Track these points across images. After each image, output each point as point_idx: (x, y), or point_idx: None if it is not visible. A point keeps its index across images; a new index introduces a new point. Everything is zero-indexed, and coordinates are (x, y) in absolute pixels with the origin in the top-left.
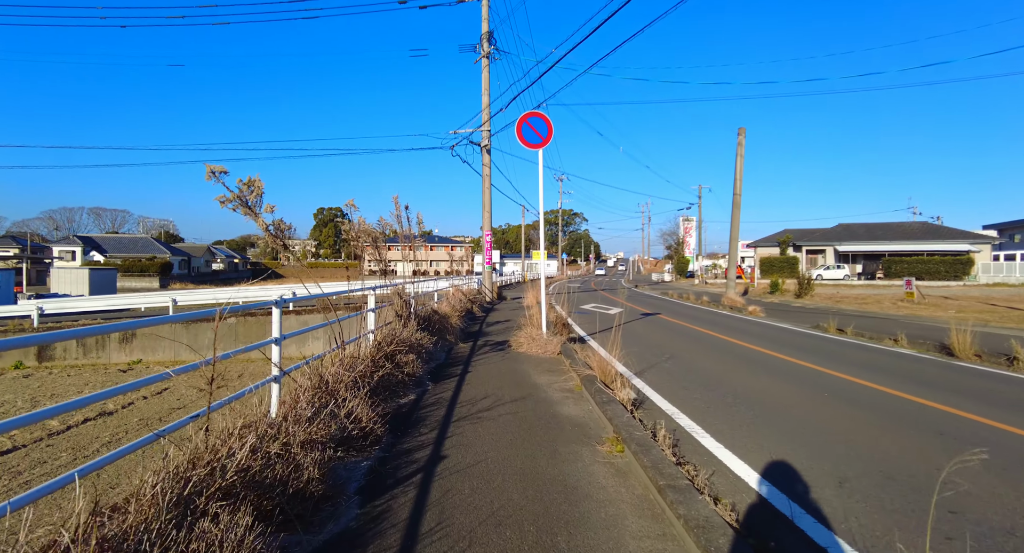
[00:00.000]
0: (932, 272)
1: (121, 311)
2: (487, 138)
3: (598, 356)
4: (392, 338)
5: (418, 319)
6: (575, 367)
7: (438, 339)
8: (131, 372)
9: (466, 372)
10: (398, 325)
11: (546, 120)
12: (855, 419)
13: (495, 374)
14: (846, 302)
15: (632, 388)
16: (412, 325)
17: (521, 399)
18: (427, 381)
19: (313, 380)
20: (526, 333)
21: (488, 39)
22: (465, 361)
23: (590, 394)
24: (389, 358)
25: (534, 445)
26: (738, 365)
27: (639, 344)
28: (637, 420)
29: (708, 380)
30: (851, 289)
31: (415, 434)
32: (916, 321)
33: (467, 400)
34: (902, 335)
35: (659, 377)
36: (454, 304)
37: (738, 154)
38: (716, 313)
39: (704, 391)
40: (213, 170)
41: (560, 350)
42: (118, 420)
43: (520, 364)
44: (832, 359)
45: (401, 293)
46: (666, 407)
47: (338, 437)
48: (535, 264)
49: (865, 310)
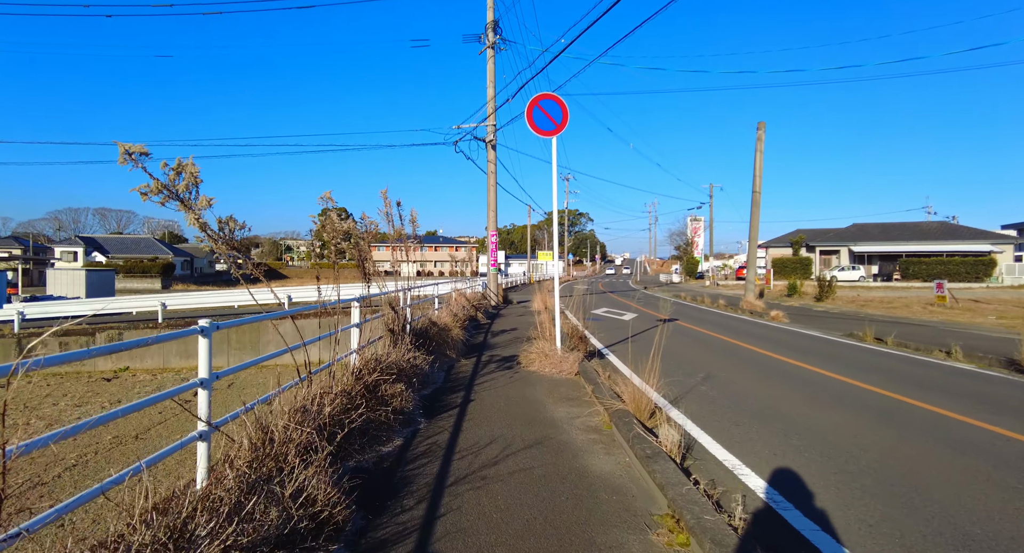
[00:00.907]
0: (952, 273)
1: (112, 315)
2: (492, 133)
3: (630, 385)
4: (376, 364)
5: (414, 333)
6: (600, 397)
7: (436, 357)
8: (116, 381)
9: (468, 401)
10: (388, 343)
11: (561, 104)
12: (983, 477)
13: (503, 404)
14: (871, 306)
15: (674, 426)
16: (406, 342)
17: (537, 444)
18: (419, 418)
19: (255, 437)
20: (537, 347)
21: (493, 28)
22: (467, 384)
23: (624, 438)
24: (371, 390)
25: (560, 532)
26: (785, 387)
27: (665, 359)
28: (701, 492)
29: (760, 410)
30: (869, 291)
31: (394, 512)
32: (957, 328)
33: (468, 447)
34: (956, 347)
35: (701, 407)
36: (456, 312)
37: (757, 149)
38: (737, 319)
39: (761, 428)
40: (129, 150)
41: (578, 369)
42: None
43: (532, 388)
44: (889, 377)
45: (394, 303)
46: (724, 457)
47: (276, 536)
48: (541, 265)
49: (895, 315)
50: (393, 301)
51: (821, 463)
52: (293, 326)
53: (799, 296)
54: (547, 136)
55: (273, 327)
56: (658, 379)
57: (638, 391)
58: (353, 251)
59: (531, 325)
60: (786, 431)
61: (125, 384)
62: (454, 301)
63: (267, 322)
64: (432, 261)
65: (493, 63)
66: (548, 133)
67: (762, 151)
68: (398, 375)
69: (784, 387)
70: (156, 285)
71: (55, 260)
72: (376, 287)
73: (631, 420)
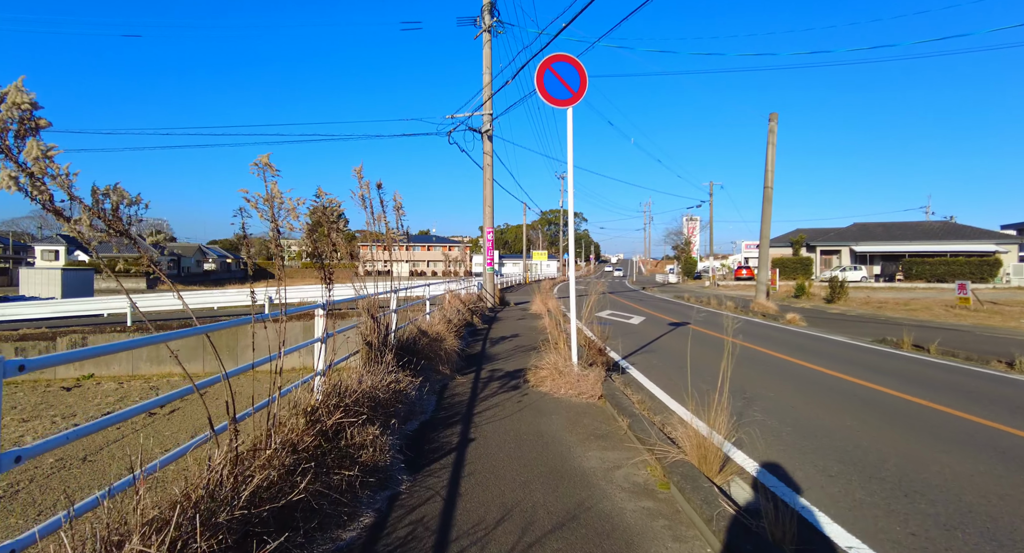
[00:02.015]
0: (956, 274)
1: (81, 317)
2: (488, 123)
3: (689, 428)
4: (341, 398)
5: (399, 346)
6: (640, 435)
7: (425, 376)
8: (77, 391)
9: (467, 440)
10: (365, 361)
11: (578, 67)
12: None
13: (513, 446)
14: (887, 308)
15: (760, 490)
16: (388, 359)
17: (569, 522)
18: (399, 473)
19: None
20: (549, 361)
21: (490, 10)
22: (464, 413)
23: (700, 515)
24: (332, 437)
25: None
26: (851, 411)
27: (694, 373)
28: None
29: (845, 449)
30: (875, 292)
31: None
32: (996, 333)
33: (470, 529)
34: (1021, 358)
35: (769, 445)
36: (450, 316)
37: (769, 142)
38: (753, 322)
39: (865, 481)
40: None
41: (601, 391)
42: None
43: (548, 419)
44: (969, 398)
45: (373, 310)
46: (847, 542)
47: None
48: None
49: (918, 318)
50: (372, 306)
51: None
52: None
53: (807, 297)
54: (561, 106)
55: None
56: (728, 418)
57: (698, 436)
58: (321, 242)
59: (533, 330)
60: (904, 489)
61: (87, 394)
62: (448, 304)
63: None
64: (425, 261)
65: (490, 48)
66: (563, 102)
67: (774, 144)
68: (373, 409)
69: (850, 411)
70: (141, 285)
71: (34, 259)
72: (351, 290)
73: (698, 479)
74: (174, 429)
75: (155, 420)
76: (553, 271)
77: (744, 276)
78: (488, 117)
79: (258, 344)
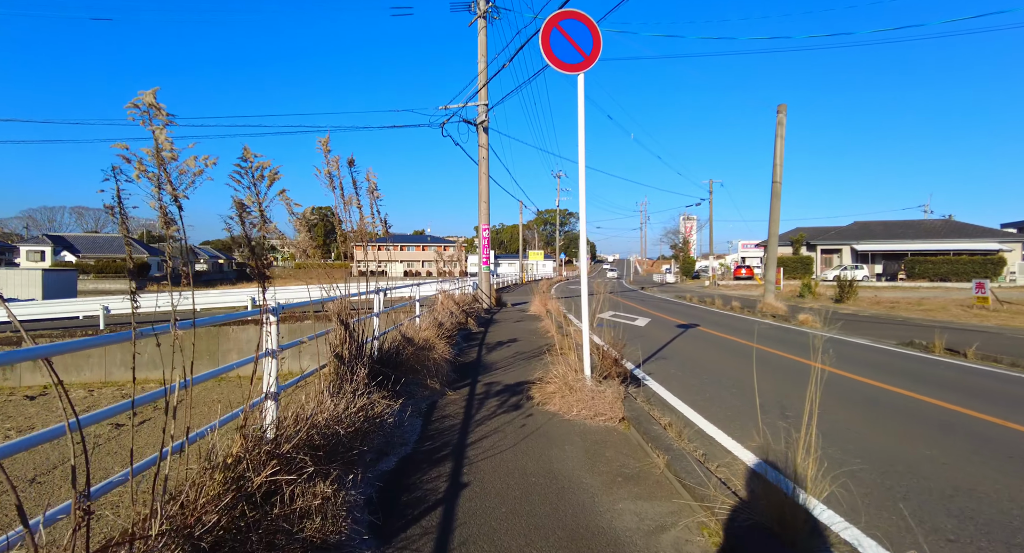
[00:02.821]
0: (959, 273)
1: (55, 320)
2: (484, 113)
3: (762, 481)
4: (276, 442)
5: (378, 357)
6: (687, 480)
7: (408, 397)
8: (41, 399)
9: (457, 486)
10: (330, 381)
11: (591, 26)
12: None
13: (518, 493)
14: (900, 308)
15: None
16: (361, 375)
17: None
18: (360, 545)
19: None
20: (556, 374)
21: None
22: (455, 445)
23: None
24: (261, 503)
25: None
26: (929, 436)
27: (719, 384)
28: None
29: (953, 498)
30: (879, 291)
31: None
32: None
33: None
34: None
35: (844, 488)
36: (441, 319)
37: (778, 135)
38: (765, 324)
39: (997, 549)
40: None
41: (623, 413)
42: None
43: (561, 454)
44: None
45: (345, 315)
46: None
47: None
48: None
49: (937, 319)
50: (344, 311)
51: None
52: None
53: (814, 297)
54: (571, 71)
55: (233, 332)
56: (816, 466)
57: (768, 485)
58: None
59: (534, 333)
60: None
61: (51, 404)
62: (440, 305)
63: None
64: (420, 261)
65: (485, 35)
66: (573, 67)
67: (783, 136)
68: (331, 451)
69: (923, 437)
70: (130, 286)
71: (19, 259)
72: (317, 291)
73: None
74: (140, 443)
75: (121, 433)
76: (549, 271)
77: (743, 275)
78: (483, 107)
79: (239, 348)
